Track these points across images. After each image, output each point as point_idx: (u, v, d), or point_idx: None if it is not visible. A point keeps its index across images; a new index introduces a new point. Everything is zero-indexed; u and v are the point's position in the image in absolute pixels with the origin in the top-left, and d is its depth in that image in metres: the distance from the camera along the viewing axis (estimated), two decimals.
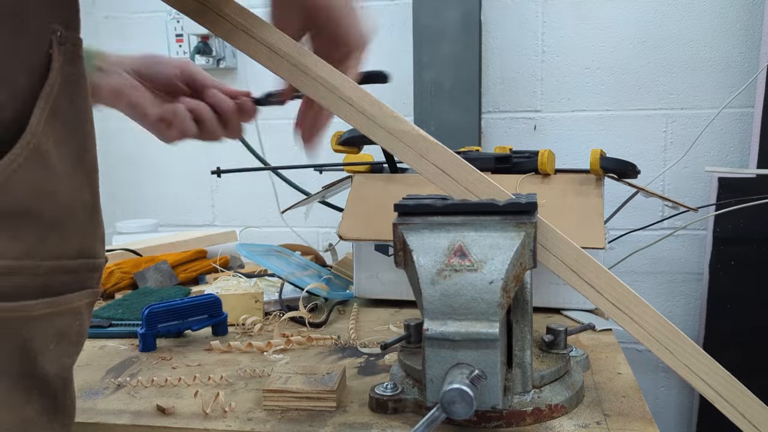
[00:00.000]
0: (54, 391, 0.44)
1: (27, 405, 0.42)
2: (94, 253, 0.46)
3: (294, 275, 1.08)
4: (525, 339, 0.65)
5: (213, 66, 1.63)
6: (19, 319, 0.40)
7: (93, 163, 0.47)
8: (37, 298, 0.41)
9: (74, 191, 0.44)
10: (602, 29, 1.47)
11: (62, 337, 0.44)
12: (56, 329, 0.43)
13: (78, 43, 0.44)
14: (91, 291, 0.46)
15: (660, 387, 1.56)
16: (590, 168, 1.01)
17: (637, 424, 0.63)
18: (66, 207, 0.43)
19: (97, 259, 0.47)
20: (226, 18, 0.64)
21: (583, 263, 0.63)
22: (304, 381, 0.70)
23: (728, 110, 1.42)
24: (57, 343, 0.44)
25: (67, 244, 0.44)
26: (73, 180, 0.44)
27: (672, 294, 1.53)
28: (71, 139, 0.44)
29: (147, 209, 1.78)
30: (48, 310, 0.42)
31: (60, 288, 0.43)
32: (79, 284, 0.45)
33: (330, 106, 0.64)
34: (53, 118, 0.41)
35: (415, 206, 0.63)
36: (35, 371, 0.42)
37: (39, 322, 0.42)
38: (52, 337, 0.43)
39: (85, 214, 0.45)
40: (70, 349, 0.45)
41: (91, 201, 0.46)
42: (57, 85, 0.42)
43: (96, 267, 0.47)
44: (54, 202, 0.42)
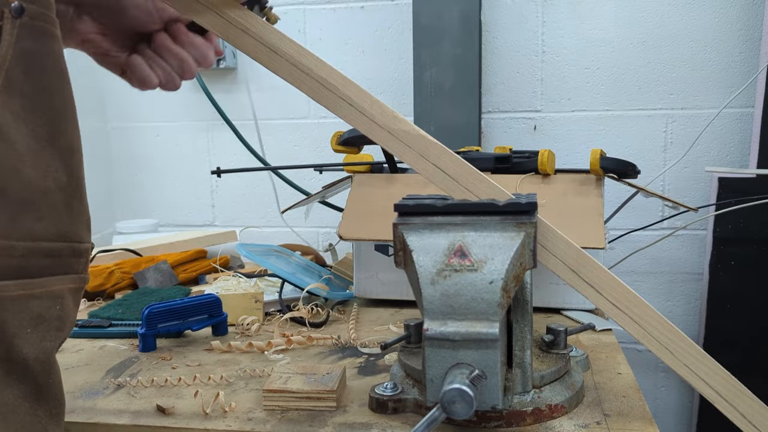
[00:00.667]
0: (34, 376, 0.44)
1: (6, 389, 0.42)
2: (77, 237, 0.46)
3: (294, 275, 1.08)
4: (525, 339, 0.65)
5: (213, 66, 1.63)
6: None
7: (70, 145, 0.46)
8: (12, 279, 0.41)
9: (44, 171, 0.44)
10: (602, 29, 1.47)
11: (40, 321, 0.44)
12: (33, 312, 0.43)
13: (44, 19, 0.44)
14: (75, 276, 0.46)
15: (660, 387, 1.56)
16: (590, 168, 1.01)
17: (637, 424, 0.63)
18: (35, 186, 0.43)
19: (81, 243, 0.47)
20: (226, 18, 0.64)
21: (583, 263, 0.63)
22: (304, 381, 0.70)
23: (728, 110, 1.42)
24: (35, 327, 0.43)
25: (42, 226, 0.43)
26: (41, 159, 0.43)
27: (672, 294, 1.53)
28: (35, 117, 0.43)
29: (147, 209, 1.78)
30: (22, 292, 0.42)
31: (37, 271, 0.43)
32: (60, 268, 0.45)
33: (330, 106, 0.64)
34: (8, 93, 0.41)
35: (415, 206, 0.63)
36: (11, 355, 0.42)
37: (13, 304, 0.42)
38: (29, 320, 0.43)
39: (61, 196, 0.45)
40: (51, 333, 0.45)
41: (69, 184, 0.46)
42: (9, 59, 0.41)
43: (80, 252, 0.46)
44: (19, 180, 0.42)
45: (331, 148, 1.14)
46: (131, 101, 1.75)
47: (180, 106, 1.71)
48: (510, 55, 1.52)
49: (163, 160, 1.76)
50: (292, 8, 1.62)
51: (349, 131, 1.12)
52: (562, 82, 1.50)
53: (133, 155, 1.77)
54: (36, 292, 0.43)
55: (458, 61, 1.45)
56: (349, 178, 1.13)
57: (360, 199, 1.08)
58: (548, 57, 1.50)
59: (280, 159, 1.64)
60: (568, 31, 1.49)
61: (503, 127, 1.54)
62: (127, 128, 1.76)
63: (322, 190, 1.21)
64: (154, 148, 1.76)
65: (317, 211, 1.53)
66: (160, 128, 1.74)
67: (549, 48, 1.50)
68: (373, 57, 1.58)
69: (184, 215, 1.77)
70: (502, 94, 1.53)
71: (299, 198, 1.34)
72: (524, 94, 1.52)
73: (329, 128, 1.61)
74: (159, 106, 1.73)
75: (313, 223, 1.64)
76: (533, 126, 1.53)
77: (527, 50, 1.51)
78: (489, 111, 1.54)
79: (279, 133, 1.66)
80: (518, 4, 1.50)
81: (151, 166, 1.77)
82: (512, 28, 1.51)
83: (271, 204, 1.64)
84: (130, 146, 1.77)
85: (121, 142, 1.77)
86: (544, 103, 1.52)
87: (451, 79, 1.46)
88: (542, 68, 1.51)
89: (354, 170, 1.12)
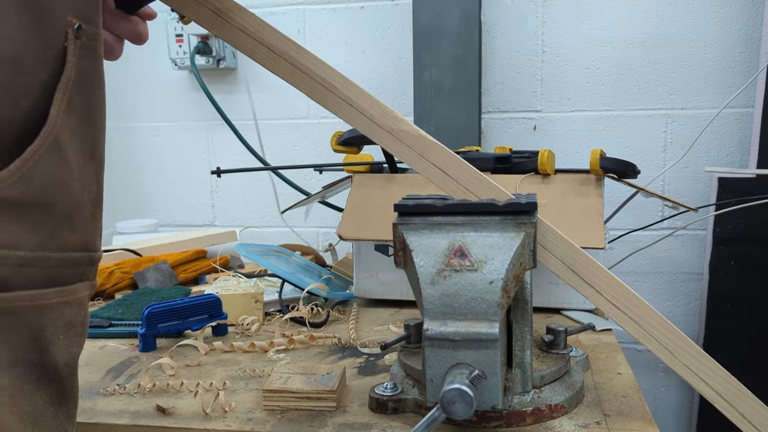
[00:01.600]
0: (62, 381, 0.45)
1: (36, 394, 0.43)
2: (94, 246, 0.48)
3: (294, 275, 1.08)
4: (525, 339, 0.65)
5: (213, 66, 1.63)
6: (33, 309, 0.41)
7: (102, 156, 0.48)
8: (49, 288, 0.43)
9: (84, 184, 0.45)
10: (602, 29, 1.47)
11: (70, 327, 0.45)
12: (66, 319, 0.44)
13: (96, 39, 0.45)
14: (89, 283, 0.47)
15: (660, 387, 1.56)
16: (590, 168, 1.01)
17: (637, 424, 0.63)
18: (76, 200, 0.44)
19: (96, 252, 0.48)
20: (225, 18, 0.64)
21: (583, 263, 0.63)
22: (304, 381, 0.70)
23: (728, 110, 1.42)
24: (66, 333, 0.44)
25: (74, 237, 0.45)
26: (84, 173, 0.45)
27: (672, 294, 1.53)
28: (84, 132, 0.45)
29: (147, 209, 1.78)
30: (59, 299, 0.43)
31: (66, 279, 0.44)
32: (79, 276, 0.46)
33: (330, 106, 0.64)
34: (69, 111, 0.42)
35: (415, 206, 0.63)
36: (45, 361, 0.43)
37: (51, 312, 0.43)
38: (62, 327, 0.44)
39: (90, 208, 0.46)
40: (77, 339, 0.46)
41: (97, 195, 0.47)
42: (72, 79, 0.43)
43: (95, 260, 0.48)
44: (67, 195, 0.43)
45: (331, 148, 1.14)
46: (131, 101, 1.75)
47: (180, 106, 1.71)
48: (510, 55, 1.52)
49: (163, 160, 1.76)
50: (292, 8, 1.62)
51: (349, 131, 1.12)
52: (562, 82, 1.50)
53: (133, 155, 1.77)
54: (69, 300, 0.44)
55: (458, 61, 1.45)
56: (349, 178, 1.13)
57: (360, 199, 1.08)
58: (548, 57, 1.50)
59: (280, 159, 1.64)
60: (568, 31, 1.49)
61: (503, 127, 1.55)
62: (127, 128, 1.76)
63: (322, 190, 1.21)
64: (154, 148, 1.76)
65: (317, 211, 1.53)
66: (160, 128, 1.74)
67: (549, 48, 1.50)
68: (373, 57, 1.58)
69: (184, 215, 1.77)
70: (502, 94, 1.53)
71: (299, 198, 1.34)
72: (524, 94, 1.52)
73: (329, 128, 1.61)
74: (159, 106, 1.73)
75: (313, 223, 1.64)
76: (533, 126, 1.53)
77: (527, 50, 1.51)
78: (489, 111, 1.54)
79: (279, 133, 1.66)
80: (518, 4, 1.50)
81: (151, 166, 1.77)
82: (512, 28, 1.51)
83: (271, 204, 1.64)
84: (130, 146, 1.77)
85: (121, 142, 1.77)
86: (544, 103, 1.52)
87: (451, 79, 1.46)
88: (542, 68, 1.51)
89: (354, 170, 1.12)
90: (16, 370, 0.41)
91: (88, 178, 0.46)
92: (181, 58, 1.66)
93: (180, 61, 1.66)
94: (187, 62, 1.64)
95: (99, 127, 0.47)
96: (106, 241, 1.62)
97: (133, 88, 1.75)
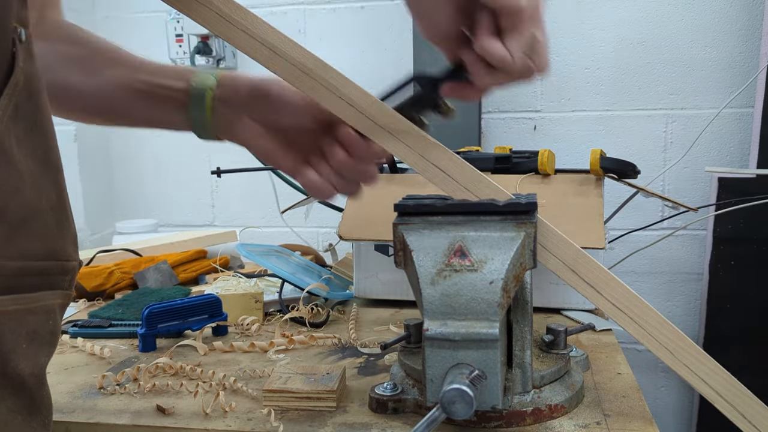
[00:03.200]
0: (30, 390, 0.44)
1: (1, 403, 0.41)
2: (64, 255, 0.46)
3: (294, 275, 1.08)
4: (525, 339, 0.65)
5: (213, 66, 1.63)
6: None
7: (57, 162, 0.47)
8: (5, 295, 0.41)
9: (39, 191, 0.44)
10: (602, 29, 1.47)
11: (35, 336, 0.44)
12: (29, 327, 0.43)
13: (30, 41, 0.44)
14: (62, 292, 0.46)
15: (660, 387, 1.56)
16: (590, 168, 1.01)
17: (637, 424, 0.63)
18: (31, 206, 0.43)
19: (68, 261, 0.47)
20: (225, 18, 0.64)
21: (583, 263, 0.63)
22: (304, 381, 0.70)
23: (728, 110, 1.42)
24: (30, 342, 0.43)
25: (34, 245, 0.43)
26: (36, 179, 0.44)
27: (672, 294, 1.53)
28: (33, 138, 0.44)
29: (147, 209, 1.78)
30: (17, 307, 0.42)
31: (28, 287, 0.43)
32: (48, 285, 0.45)
33: (330, 106, 0.64)
34: (15, 116, 0.41)
35: (415, 206, 0.63)
36: (6, 370, 0.42)
37: (9, 319, 0.41)
38: (24, 335, 0.43)
39: (51, 215, 0.45)
40: (45, 348, 0.45)
41: (58, 202, 0.46)
42: (20, 83, 0.42)
43: (67, 269, 0.46)
44: (18, 201, 0.42)
45: None
46: None
47: None
48: None
49: (163, 160, 1.76)
50: (292, 8, 1.62)
51: None
52: (562, 82, 1.50)
53: (133, 155, 1.77)
54: (31, 307, 0.43)
55: None
56: None
57: (360, 199, 1.08)
58: None
59: None
60: (568, 31, 1.49)
61: (503, 127, 1.54)
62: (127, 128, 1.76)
63: None
64: (154, 148, 1.76)
65: (317, 211, 1.53)
66: None
67: (549, 48, 1.50)
68: (373, 57, 1.58)
69: (184, 215, 1.77)
70: (502, 94, 1.53)
71: (299, 198, 1.34)
72: (524, 94, 1.52)
73: None
74: None
75: (313, 223, 1.64)
76: (533, 126, 1.53)
77: None
78: (489, 111, 1.54)
79: None
80: None
81: (151, 166, 1.77)
82: None
83: (271, 204, 1.63)
84: (130, 146, 1.77)
85: (121, 143, 1.77)
86: (544, 103, 1.52)
87: None
88: None
89: None
90: None
91: (45, 186, 0.44)
92: (181, 58, 1.66)
93: (180, 61, 1.66)
94: (187, 62, 1.64)
95: (49, 132, 0.46)
96: (106, 241, 1.62)
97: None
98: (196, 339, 0.89)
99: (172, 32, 1.65)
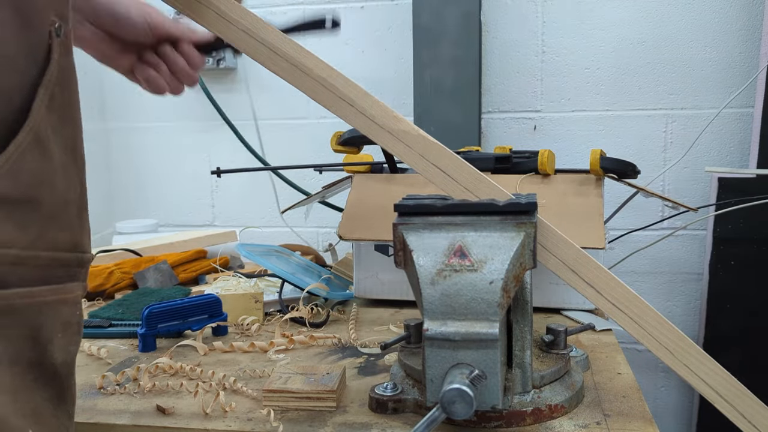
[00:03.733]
0: (61, 379, 0.45)
1: (36, 392, 0.43)
2: (83, 248, 0.48)
3: (294, 275, 1.08)
4: (525, 339, 0.65)
5: (213, 66, 1.63)
6: (31, 307, 0.42)
7: (83, 156, 0.48)
8: (44, 285, 0.43)
9: (68, 183, 0.45)
10: (602, 29, 1.47)
11: (68, 326, 0.45)
12: (63, 318, 0.45)
13: (70, 36, 0.46)
14: (82, 284, 0.48)
15: (660, 387, 1.56)
16: (590, 168, 1.01)
17: (637, 424, 0.63)
18: (62, 198, 0.45)
19: (86, 253, 0.48)
20: (225, 18, 0.64)
21: (583, 263, 0.63)
22: (304, 381, 0.70)
23: (728, 110, 1.42)
24: (63, 332, 0.45)
25: (62, 237, 0.45)
26: (67, 171, 0.45)
27: (672, 294, 1.52)
28: (65, 130, 0.45)
29: (147, 209, 1.78)
30: (55, 298, 0.44)
31: (57, 279, 0.45)
32: (72, 277, 0.46)
33: (330, 106, 0.64)
34: (51, 108, 0.43)
35: (415, 206, 0.63)
36: (44, 359, 0.43)
37: (48, 310, 0.43)
38: (59, 325, 0.44)
39: (75, 207, 0.46)
40: (74, 338, 0.47)
41: (81, 195, 0.48)
42: (54, 76, 0.43)
43: (85, 261, 0.48)
44: (52, 192, 0.43)
45: (331, 148, 1.14)
46: (131, 101, 1.75)
47: (180, 106, 1.71)
48: (510, 55, 1.52)
49: (163, 160, 1.76)
50: (292, 8, 1.62)
51: (349, 131, 1.12)
52: (562, 82, 1.50)
53: (133, 155, 1.77)
54: (64, 298, 0.45)
55: (458, 61, 1.45)
56: (349, 178, 1.12)
57: (360, 199, 1.08)
58: (548, 57, 1.50)
59: (280, 159, 1.64)
60: (568, 31, 1.49)
61: (503, 127, 1.54)
62: (127, 128, 1.76)
63: (322, 190, 1.21)
64: (154, 148, 1.76)
65: (317, 211, 1.53)
66: (160, 128, 1.74)
67: (549, 48, 1.50)
68: (373, 57, 1.58)
69: (184, 215, 1.77)
70: (502, 94, 1.53)
71: (299, 198, 1.34)
72: (524, 94, 1.52)
73: (329, 128, 1.61)
74: (159, 106, 1.73)
75: (313, 223, 1.64)
76: (533, 126, 1.53)
77: (527, 50, 1.51)
78: (489, 111, 1.54)
79: (279, 133, 1.66)
80: (518, 4, 1.50)
81: (151, 166, 1.77)
82: (512, 28, 1.51)
83: (271, 204, 1.63)
84: (130, 146, 1.77)
85: (121, 142, 1.77)
86: (544, 103, 1.52)
87: (451, 79, 1.46)
88: (542, 68, 1.51)
89: (354, 170, 1.12)
90: (16, 368, 0.41)
91: (72, 178, 0.46)
92: None
93: None
94: None
95: (78, 125, 0.47)
96: (106, 241, 1.62)
97: (133, 89, 1.74)
98: (196, 339, 0.89)
99: None
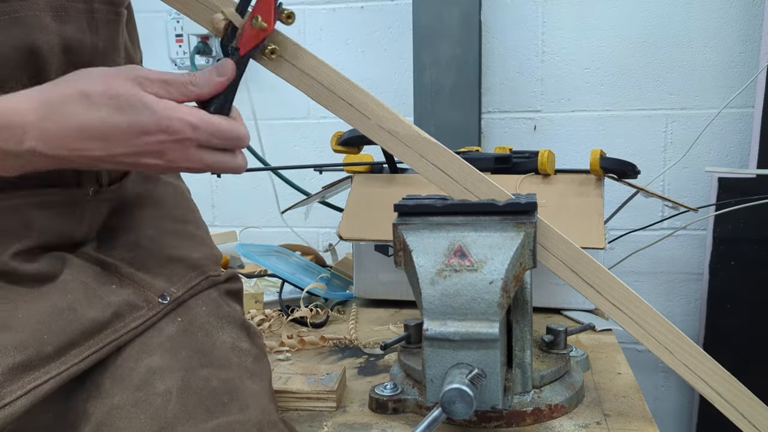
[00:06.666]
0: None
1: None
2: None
3: (294, 275, 1.08)
4: (525, 339, 0.65)
5: None
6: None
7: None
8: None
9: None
10: (602, 29, 1.47)
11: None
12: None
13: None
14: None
15: (660, 387, 1.56)
16: (590, 168, 1.01)
17: (637, 424, 0.63)
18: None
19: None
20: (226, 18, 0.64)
21: (583, 263, 0.63)
22: (304, 381, 0.70)
23: (728, 110, 1.42)
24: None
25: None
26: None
27: (672, 294, 1.52)
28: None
29: None
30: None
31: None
32: None
33: (330, 106, 0.64)
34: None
35: (415, 206, 0.63)
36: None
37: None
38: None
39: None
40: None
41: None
42: None
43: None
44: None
45: (331, 148, 1.14)
46: None
47: None
48: (510, 55, 1.52)
49: None
50: (291, 8, 1.62)
51: (349, 131, 1.12)
52: (562, 82, 1.50)
53: None
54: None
55: (458, 61, 1.45)
56: (349, 179, 1.12)
57: (360, 200, 1.08)
58: (548, 57, 1.50)
59: (280, 159, 1.64)
60: (568, 31, 1.49)
61: (503, 127, 1.54)
62: None
63: (322, 191, 1.21)
64: None
65: (317, 211, 1.53)
66: None
67: (549, 48, 1.50)
68: (372, 57, 1.58)
69: None
70: (502, 94, 1.53)
71: (299, 198, 1.34)
72: (524, 94, 1.52)
73: (329, 128, 1.61)
74: None
75: (313, 223, 1.64)
76: (533, 126, 1.53)
77: (527, 50, 1.51)
78: (489, 111, 1.54)
79: (279, 133, 1.66)
80: (518, 4, 1.50)
81: None
82: (512, 28, 1.50)
83: (271, 204, 1.63)
84: None
85: None
86: (544, 103, 1.52)
87: (451, 79, 1.46)
88: (542, 68, 1.51)
89: (354, 170, 1.12)
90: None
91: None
92: (181, 58, 1.66)
93: (180, 61, 1.66)
94: (187, 62, 1.64)
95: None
96: None
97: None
98: None
99: (172, 32, 1.65)
